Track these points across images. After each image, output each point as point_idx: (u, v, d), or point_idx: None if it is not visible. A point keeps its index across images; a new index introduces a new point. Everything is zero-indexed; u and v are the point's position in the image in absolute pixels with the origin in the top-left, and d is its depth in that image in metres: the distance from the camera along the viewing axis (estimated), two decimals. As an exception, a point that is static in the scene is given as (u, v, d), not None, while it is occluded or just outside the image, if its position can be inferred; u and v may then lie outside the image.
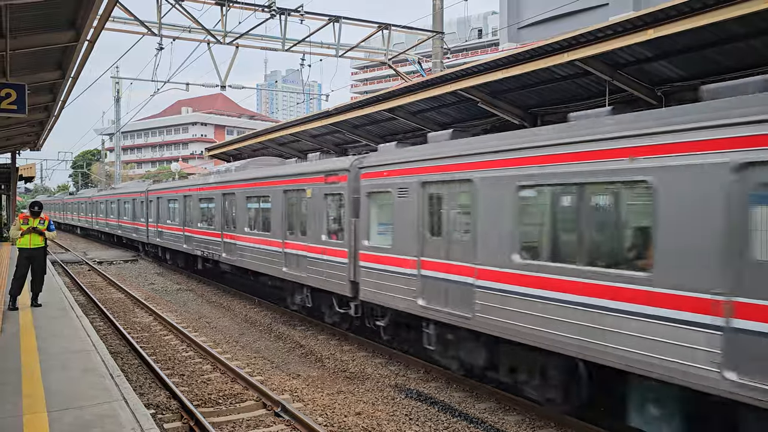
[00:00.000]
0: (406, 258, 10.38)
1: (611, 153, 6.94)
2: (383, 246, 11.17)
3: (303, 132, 19.02)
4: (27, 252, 11.45)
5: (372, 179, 11.54)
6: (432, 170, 9.91)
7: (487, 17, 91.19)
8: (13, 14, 10.68)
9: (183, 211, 23.43)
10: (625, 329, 6.71)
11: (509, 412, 8.94)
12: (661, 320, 6.37)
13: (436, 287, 9.66)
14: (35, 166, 50.03)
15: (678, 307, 6.24)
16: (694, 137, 6.15)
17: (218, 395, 9.55)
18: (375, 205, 11.60)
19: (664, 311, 6.36)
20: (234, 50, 19.92)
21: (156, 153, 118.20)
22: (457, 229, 9.46)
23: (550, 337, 7.64)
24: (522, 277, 8.06)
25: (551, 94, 11.77)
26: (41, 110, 20.27)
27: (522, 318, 8.00)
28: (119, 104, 51.59)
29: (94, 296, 18.80)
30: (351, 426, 8.32)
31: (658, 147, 6.47)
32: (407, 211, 10.35)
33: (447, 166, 9.55)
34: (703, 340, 5.99)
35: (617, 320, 6.80)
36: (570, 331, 7.34)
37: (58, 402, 6.19)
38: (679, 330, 6.21)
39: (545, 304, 7.69)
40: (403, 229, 10.51)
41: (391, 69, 22.95)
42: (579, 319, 7.24)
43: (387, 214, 11.17)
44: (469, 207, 9.05)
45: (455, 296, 9.22)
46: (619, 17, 8.68)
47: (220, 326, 15.20)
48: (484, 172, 8.76)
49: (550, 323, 7.62)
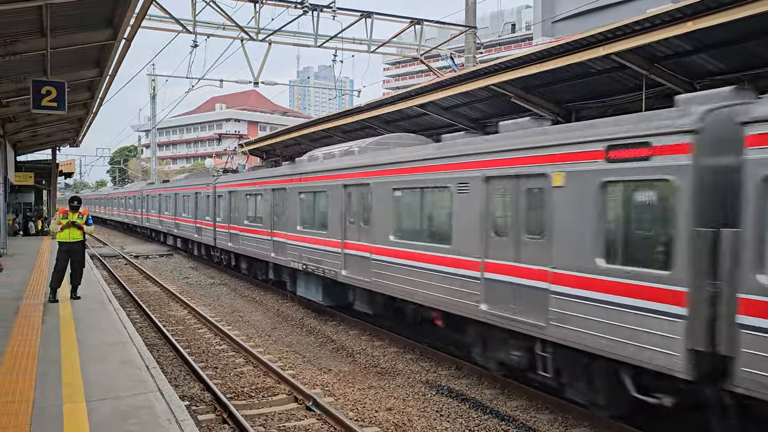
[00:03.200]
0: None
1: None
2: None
3: (335, 128, 19.09)
4: (66, 246, 11.72)
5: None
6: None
7: (520, 11, 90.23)
8: (53, 14, 10.93)
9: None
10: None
11: (541, 411, 8.85)
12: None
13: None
14: (74, 162, 51.28)
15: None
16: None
17: (251, 388, 9.66)
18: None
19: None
20: (267, 47, 20.07)
21: (191, 149, 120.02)
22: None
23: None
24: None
25: (586, 88, 11.58)
26: (80, 107, 20.74)
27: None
28: (155, 101, 52.50)
29: (130, 289, 19.20)
30: (382, 421, 8.34)
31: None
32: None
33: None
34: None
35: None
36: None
37: (96, 392, 6.34)
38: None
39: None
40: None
41: (423, 64, 22.85)
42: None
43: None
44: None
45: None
46: (656, 10, 8.48)
47: (252, 320, 15.38)
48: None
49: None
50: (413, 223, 11.47)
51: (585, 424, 8.29)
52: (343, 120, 17.89)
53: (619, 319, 6.97)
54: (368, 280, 12.36)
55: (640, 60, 9.67)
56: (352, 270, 13.09)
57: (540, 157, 8.17)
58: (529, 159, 8.39)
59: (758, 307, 5.67)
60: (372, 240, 12.36)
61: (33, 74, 14.60)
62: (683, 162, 6.28)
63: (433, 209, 10.90)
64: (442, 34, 36.70)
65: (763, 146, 5.72)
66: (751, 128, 5.82)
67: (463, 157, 9.76)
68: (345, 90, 78.76)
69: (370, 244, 12.41)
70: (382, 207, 12.04)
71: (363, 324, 13.97)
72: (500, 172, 8.91)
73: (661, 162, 6.52)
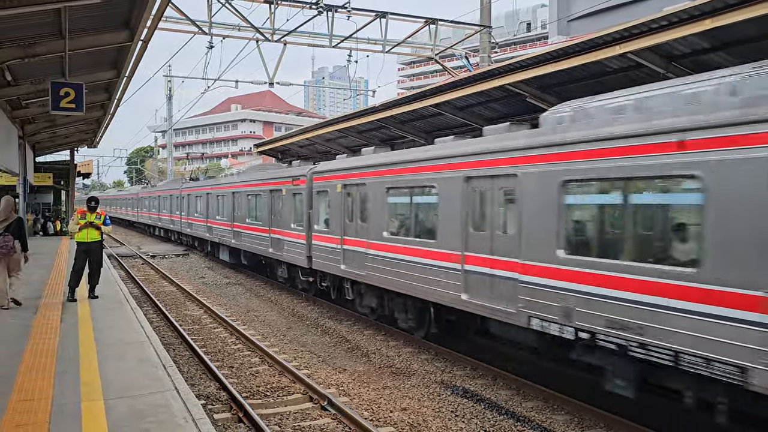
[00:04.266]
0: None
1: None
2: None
3: (350, 128, 19.10)
4: (84, 245, 11.84)
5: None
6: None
7: (536, 10, 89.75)
8: (71, 16, 11.05)
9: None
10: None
11: (557, 411, 8.79)
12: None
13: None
14: (92, 163, 51.81)
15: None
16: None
17: (266, 387, 9.71)
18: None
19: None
20: (282, 47, 20.17)
21: (206, 149, 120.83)
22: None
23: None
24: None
25: (602, 87, 11.46)
26: (98, 108, 20.95)
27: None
28: (171, 102, 52.93)
29: (147, 289, 19.37)
30: (397, 421, 8.33)
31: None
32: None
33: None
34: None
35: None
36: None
37: (113, 390, 6.40)
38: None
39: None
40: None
41: (438, 64, 22.82)
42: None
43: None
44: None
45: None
46: (674, 8, 8.40)
47: (267, 320, 15.45)
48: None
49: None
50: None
51: (600, 425, 8.23)
52: (358, 120, 17.91)
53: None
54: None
55: (657, 58, 9.57)
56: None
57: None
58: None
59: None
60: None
61: (51, 76, 14.78)
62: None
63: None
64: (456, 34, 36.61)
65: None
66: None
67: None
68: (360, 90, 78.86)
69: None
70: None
71: (378, 324, 13.98)
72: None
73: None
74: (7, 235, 10.62)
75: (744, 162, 6.06)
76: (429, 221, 11.61)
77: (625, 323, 7.18)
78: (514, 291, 9.03)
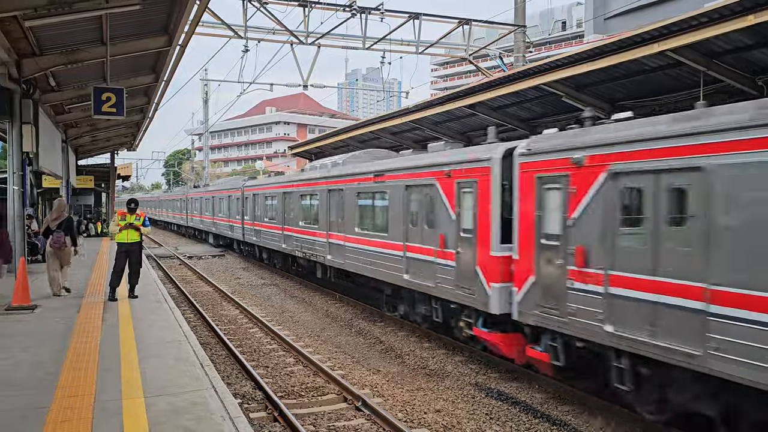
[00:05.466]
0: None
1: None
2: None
3: (383, 129, 19.15)
4: (125, 246, 12.10)
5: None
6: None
7: (571, 8, 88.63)
8: (112, 22, 11.34)
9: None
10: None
11: (594, 416, 8.66)
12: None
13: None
14: (131, 166, 53.01)
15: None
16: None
17: (301, 387, 9.79)
18: None
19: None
20: (316, 50, 20.33)
21: (241, 152, 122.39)
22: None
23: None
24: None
25: (640, 86, 11.29)
26: (137, 112, 21.45)
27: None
28: (207, 105, 53.74)
29: (184, 289, 19.72)
30: (431, 423, 8.32)
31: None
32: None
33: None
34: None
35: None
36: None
37: (153, 388, 6.53)
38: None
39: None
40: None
41: (471, 65, 22.71)
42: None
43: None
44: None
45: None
46: (714, 4, 8.20)
47: (302, 320, 15.57)
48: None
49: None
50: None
51: (637, 431, 8.07)
52: (391, 121, 17.94)
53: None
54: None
55: (697, 56, 9.36)
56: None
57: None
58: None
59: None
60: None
61: (93, 81, 15.19)
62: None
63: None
64: (490, 34, 36.38)
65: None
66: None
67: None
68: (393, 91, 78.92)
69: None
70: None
71: (412, 325, 13.97)
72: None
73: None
74: (59, 231, 12.06)
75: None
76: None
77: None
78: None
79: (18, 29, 11.08)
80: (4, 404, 5.93)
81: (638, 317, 7.31)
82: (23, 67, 12.69)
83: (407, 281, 12.91)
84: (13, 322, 9.75)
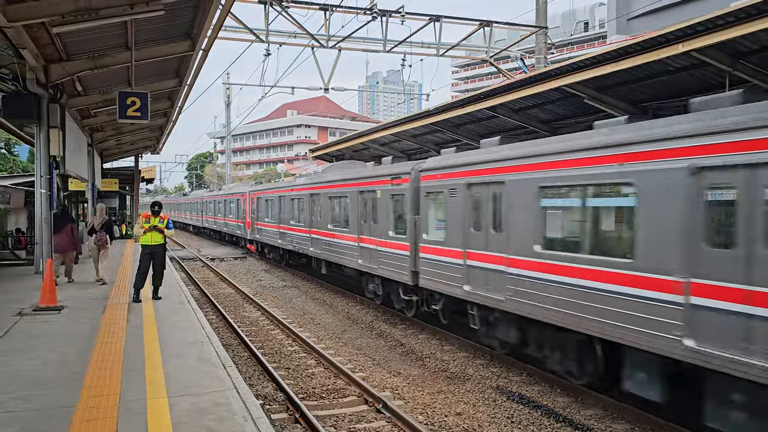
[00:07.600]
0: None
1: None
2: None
3: (403, 132, 19.14)
4: (149, 248, 12.27)
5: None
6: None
7: (593, 9, 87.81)
8: (137, 28, 11.52)
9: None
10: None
11: (617, 420, 8.57)
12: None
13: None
14: (155, 169, 53.68)
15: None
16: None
17: (322, 389, 9.82)
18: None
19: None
20: (336, 53, 20.42)
21: (263, 155, 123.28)
22: None
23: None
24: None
25: (663, 87, 11.15)
26: (161, 116, 21.72)
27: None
28: (229, 109, 54.26)
29: (207, 291, 19.91)
30: (451, 426, 8.29)
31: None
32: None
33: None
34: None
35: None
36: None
37: (176, 388, 6.60)
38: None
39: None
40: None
41: (492, 67, 22.63)
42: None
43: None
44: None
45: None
46: (741, 3, 8.07)
47: (323, 322, 15.63)
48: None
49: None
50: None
51: (664, 435, 7.97)
52: (412, 124, 17.92)
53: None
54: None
55: (722, 56, 9.22)
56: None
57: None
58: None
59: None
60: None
61: (118, 86, 15.42)
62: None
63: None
64: (511, 36, 36.20)
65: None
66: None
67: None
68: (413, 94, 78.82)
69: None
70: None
71: (432, 328, 13.95)
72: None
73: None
74: (102, 232, 14.27)
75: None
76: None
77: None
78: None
79: (46, 35, 11.30)
80: (32, 404, 6.05)
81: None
82: (51, 73, 12.94)
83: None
84: (41, 323, 9.94)
